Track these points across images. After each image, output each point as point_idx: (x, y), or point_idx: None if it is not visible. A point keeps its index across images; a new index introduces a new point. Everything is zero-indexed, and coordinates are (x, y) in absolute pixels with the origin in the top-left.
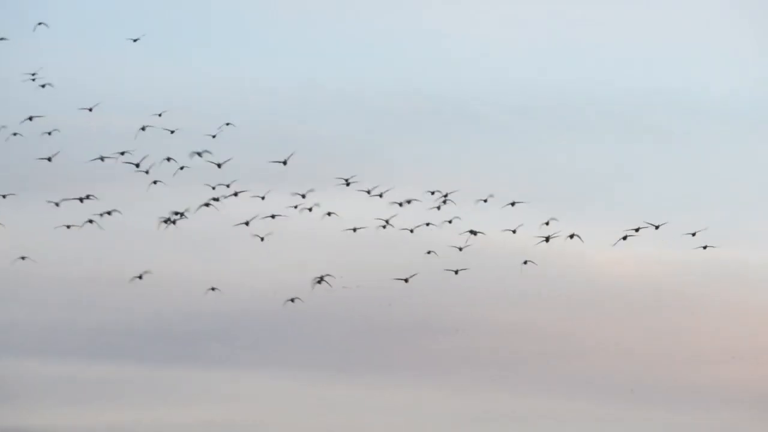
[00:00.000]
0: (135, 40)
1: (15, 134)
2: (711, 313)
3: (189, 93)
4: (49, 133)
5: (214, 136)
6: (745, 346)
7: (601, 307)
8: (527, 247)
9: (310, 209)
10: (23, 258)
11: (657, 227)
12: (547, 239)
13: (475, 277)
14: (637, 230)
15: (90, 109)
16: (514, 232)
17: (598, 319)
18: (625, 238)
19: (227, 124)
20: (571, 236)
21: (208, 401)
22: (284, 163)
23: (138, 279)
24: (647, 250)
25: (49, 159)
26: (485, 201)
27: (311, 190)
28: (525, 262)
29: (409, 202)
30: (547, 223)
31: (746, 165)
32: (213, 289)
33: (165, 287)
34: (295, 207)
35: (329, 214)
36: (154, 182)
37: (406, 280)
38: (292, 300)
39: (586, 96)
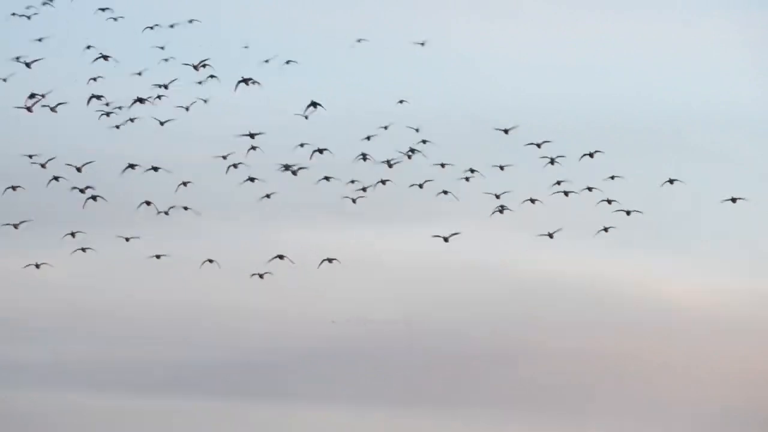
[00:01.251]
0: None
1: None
2: None
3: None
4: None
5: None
6: None
7: (675, 336)
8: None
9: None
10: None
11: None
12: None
13: (541, 306)
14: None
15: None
16: None
17: (672, 347)
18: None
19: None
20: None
21: None
22: (314, 105)
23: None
24: (718, 279)
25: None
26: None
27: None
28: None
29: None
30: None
31: None
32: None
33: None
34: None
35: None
36: None
37: (446, 239)
38: None
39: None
